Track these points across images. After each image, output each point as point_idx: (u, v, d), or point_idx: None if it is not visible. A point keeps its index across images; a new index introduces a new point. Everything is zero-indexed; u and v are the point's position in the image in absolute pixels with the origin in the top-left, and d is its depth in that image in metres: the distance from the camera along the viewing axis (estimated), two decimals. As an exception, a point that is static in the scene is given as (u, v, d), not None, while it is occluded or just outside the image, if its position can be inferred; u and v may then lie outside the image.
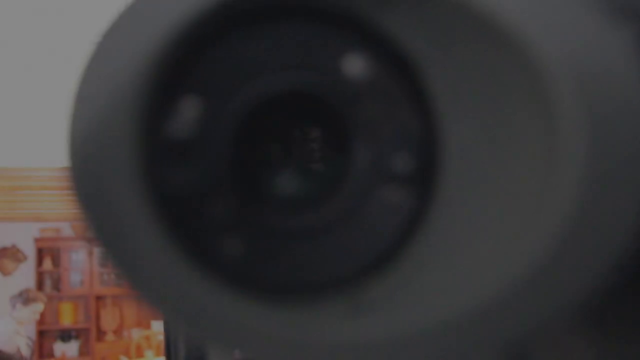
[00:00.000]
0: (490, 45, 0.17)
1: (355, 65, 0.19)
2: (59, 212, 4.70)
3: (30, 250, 5.40)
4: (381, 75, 0.19)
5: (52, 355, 5.26)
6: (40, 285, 5.33)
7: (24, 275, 5.36)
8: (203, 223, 0.19)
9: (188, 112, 0.19)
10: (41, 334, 5.28)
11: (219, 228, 0.19)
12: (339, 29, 0.19)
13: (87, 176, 0.16)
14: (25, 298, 3.42)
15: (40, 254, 5.41)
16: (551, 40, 0.16)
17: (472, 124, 0.19)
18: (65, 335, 5.39)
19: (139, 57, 0.17)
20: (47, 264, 5.43)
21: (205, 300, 0.16)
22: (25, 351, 3.36)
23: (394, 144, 0.19)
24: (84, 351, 5.37)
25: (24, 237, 5.36)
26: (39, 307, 3.51)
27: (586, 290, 0.16)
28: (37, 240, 5.39)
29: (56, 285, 5.47)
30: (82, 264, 5.47)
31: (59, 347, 5.29)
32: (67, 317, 5.43)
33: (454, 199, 0.19)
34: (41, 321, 5.13)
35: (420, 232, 0.19)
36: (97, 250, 0.17)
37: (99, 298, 5.50)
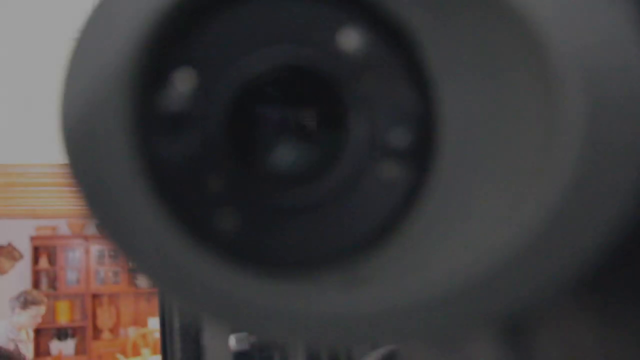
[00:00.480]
0: (490, 18, 0.16)
1: (351, 40, 0.19)
2: (56, 209, 4.69)
3: (26, 249, 5.39)
4: (378, 50, 0.19)
5: (48, 353, 5.25)
6: (36, 284, 5.31)
7: (20, 274, 5.35)
8: (198, 197, 0.18)
9: (182, 85, 0.18)
10: (37, 332, 5.27)
11: (214, 202, 0.18)
12: (335, 3, 0.19)
13: (80, 150, 0.16)
14: (23, 301, 3.16)
15: (37, 253, 5.40)
16: (553, 12, 0.15)
17: (471, 99, 0.18)
18: (62, 334, 5.38)
19: (131, 29, 0.16)
20: (44, 263, 5.42)
21: (201, 273, 0.16)
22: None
23: (391, 119, 0.19)
24: (80, 349, 5.37)
25: (20, 236, 5.34)
26: (41, 310, 3.22)
27: (580, 263, 0.16)
28: (33, 238, 5.38)
29: (52, 284, 5.46)
30: (79, 262, 5.46)
31: (56, 346, 5.28)
32: (64, 316, 5.42)
33: (450, 174, 0.19)
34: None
35: (415, 207, 0.19)
36: (93, 225, 0.17)
37: (96, 296, 5.49)
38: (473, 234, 0.17)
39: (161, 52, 0.17)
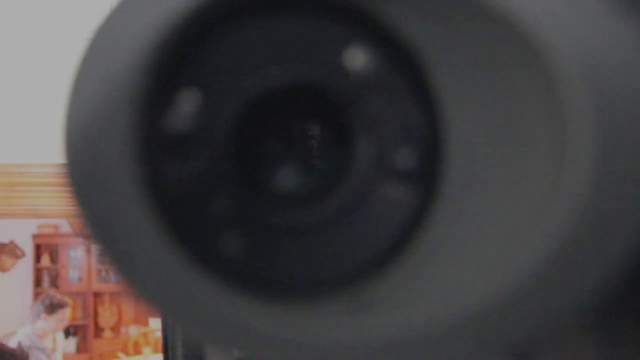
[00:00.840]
0: (498, 39, 0.16)
1: (358, 59, 0.19)
2: (57, 208, 4.69)
3: (28, 247, 5.40)
4: (384, 69, 0.19)
5: (50, 351, 5.25)
6: (38, 282, 5.32)
7: (22, 272, 5.35)
8: (203, 219, 0.18)
9: (187, 106, 0.18)
10: (39, 330, 5.27)
11: (219, 224, 0.18)
12: (341, 22, 0.19)
13: (83, 171, 0.16)
14: (49, 305, 2.86)
15: (38, 251, 5.40)
16: (561, 35, 0.15)
17: (477, 119, 0.18)
18: (63, 332, 5.39)
19: (136, 49, 0.16)
20: (45, 261, 5.42)
21: (204, 298, 0.16)
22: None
23: (397, 139, 0.19)
24: (81, 348, 5.37)
25: (22, 234, 5.35)
26: (67, 312, 2.94)
27: (590, 290, 0.16)
28: (35, 236, 5.38)
29: (54, 282, 5.46)
30: (80, 260, 5.46)
31: (57, 344, 5.28)
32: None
33: (457, 196, 0.18)
34: (39, 317, 5.12)
35: (422, 229, 0.18)
36: (95, 247, 0.17)
37: (97, 295, 5.50)
38: (480, 260, 0.17)
39: (166, 72, 0.17)
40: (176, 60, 0.17)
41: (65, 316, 2.97)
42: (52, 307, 2.87)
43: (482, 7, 0.16)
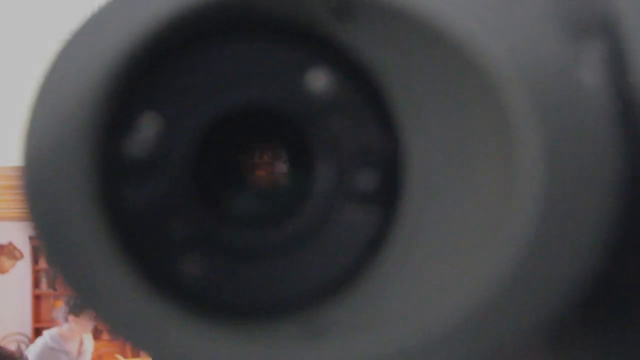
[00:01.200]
0: (448, 62, 0.16)
1: (318, 82, 0.19)
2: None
3: (26, 249, 5.40)
4: (344, 92, 0.19)
5: (48, 353, 5.25)
6: (36, 284, 5.32)
7: (21, 274, 5.35)
8: (162, 243, 0.18)
9: (147, 130, 0.18)
10: (37, 331, 5.28)
11: (178, 247, 0.18)
12: (301, 45, 0.19)
13: (41, 195, 0.16)
14: (74, 305, 2.73)
15: (36, 253, 5.40)
16: (509, 59, 0.15)
17: (434, 141, 0.18)
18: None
19: (95, 73, 0.16)
20: (44, 262, 5.42)
21: (163, 323, 0.16)
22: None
23: (358, 161, 0.19)
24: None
25: (21, 235, 5.35)
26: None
27: (546, 311, 0.16)
28: (32, 238, 5.37)
29: (52, 284, 5.46)
30: (79, 262, 5.45)
31: (56, 345, 5.28)
32: (64, 315, 5.42)
33: (415, 218, 0.19)
34: (37, 319, 5.12)
35: (380, 253, 0.19)
36: (53, 273, 0.17)
37: (96, 296, 5.49)
38: (436, 285, 0.17)
39: (125, 97, 0.17)
40: (135, 84, 0.18)
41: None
42: (78, 308, 2.73)
43: (431, 31, 0.16)
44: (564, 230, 0.15)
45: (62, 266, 0.16)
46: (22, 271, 5.41)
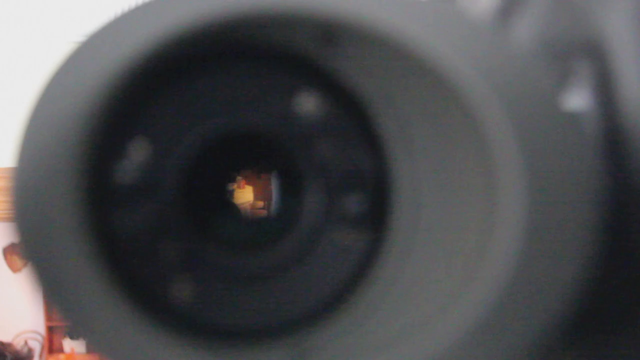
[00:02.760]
0: (432, 88, 0.16)
1: (305, 106, 0.19)
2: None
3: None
4: (332, 116, 0.19)
5: (61, 350, 5.30)
6: (49, 282, 5.36)
7: (33, 272, 5.39)
8: (152, 265, 0.18)
9: (136, 156, 0.18)
10: (50, 329, 5.33)
11: (168, 270, 0.19)
12: (289, 70, 0.19)
13: (31, 222, 0.16)
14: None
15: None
16: (490, 87, 0.15)
17: (421, 165, 0.18)
18: (74, 332, 5.42)
19: (85, 100, 0.16)
20: (56, 261, 5.46)
21: (153, 347, 0.16)
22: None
23: (346, 184, 0.19)
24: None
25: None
26: None
27: (535, 334, 0.16)
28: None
29: (65, 282, 5.50)
30: (91, 260, 5.48)
31: (68, 343, 5.33)
32: (76, 313, 5.45)
33: (404, 242, 0.19)
34: (50, 317, 5.17)
35: (369, 276, 0.19)
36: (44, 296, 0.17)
37: (108, 294, 5.52)
38: (425, 308, 0.17)
39: (115, 122, 0.17)
40: (125, 110, 0.18)
41: None
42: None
43: (415, 61, 0.16)
44: (547, 257, 0.15)
45: (52, 293, 0.16)
46: (34, 270, 5.44)
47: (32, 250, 0.16)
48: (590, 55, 0.18)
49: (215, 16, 0.17)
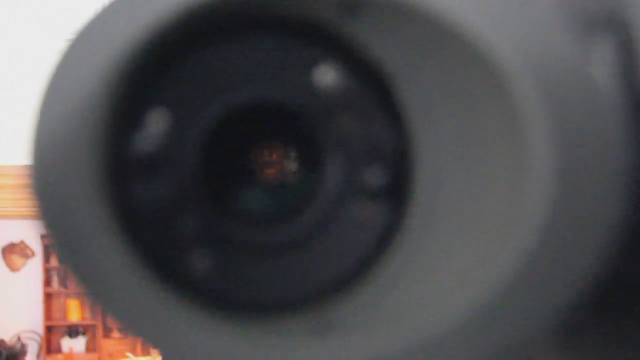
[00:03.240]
0: (458, 58, 0.16)
1: (326, 78, 0.19)
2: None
3: (38, 247, 5.44)
4: (353, 88, 0.19)
5: (59, 350, 5.29)
6: (48, 282, 5.36)
7: (33, 272, 5.39)
8: (171, 238, 0.18)
9: (156, 126, 0.18)
10: (49, 329, 5.32)
11: (187, 243, 0.18)
12: (310, 42, 0.19)
13: (50, 193, 0.16)
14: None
15: (47, 251, 5.44)
16: (519, 56, 0.15)
17: (444, 138, 0.18)
18: (73, 331, 5.42)
19: (104, 69, 0.16)
20: (55, 261, 5.46)
21: (172, 319, 0.16)
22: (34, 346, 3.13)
23: (367, 158, 0.19)
24: (90, 347, 5.40)
25: (33, 234, 5.39)
26: None
27: (557, 309, 0.16)
28: (44, 236, 5.41)
29: (63, 282, 5.50)
30: (90, 260, 5.48)
31: (67, 343, 5.32)
32: (75, 313, 5.46)
33: (425, 215, 0.18)
34: (49, 317, 5.16)
35: (389, 249, 0.19)
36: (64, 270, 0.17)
37: (106, 294, 5.51)
38: (445, 282, 0.17)
39: (134, 93, 0.17)
40: (144, 80, 0.18)
41: None
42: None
43: (443, 30, 0.16)
44: (573, 230, 0.15)
45: (73, 264, 0.16)
46: (33, 269, 5.45)
47: (52, 223, 0.16)
48: (614, 27, 0.18)
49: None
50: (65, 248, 0.16)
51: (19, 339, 2.90)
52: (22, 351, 2.66)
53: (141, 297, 0.16)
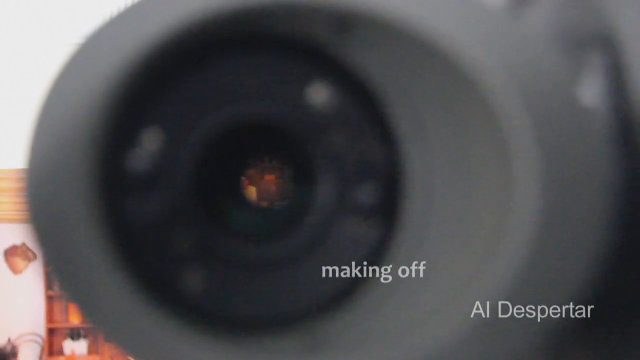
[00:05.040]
0: (447, 77, 0.16)
1: (318, 96, 0.19)
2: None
3: (38, 251, 5.43)
4: (345, 106, 0.19)
5: (61, 353, 5.29)
6: (49, 284, 5.36)
7: (34, 275, 5.40)
8: (164, 255, 0.18)
9: (149, 144, 0.19)
10: (51, 331, 5.32)
11: (180, 259, 0.19)
12: (302, 60, 0.19)
13: (44, 210, 0.16)
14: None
15: (50, 253, 5.43)
16: (506, 76, 0.15)
17: (434, 155, 0.18)
18: (75, 334, 5.42)
19: (99, 88, 0.17)
20: (57, 263, 5.45)
21: (164, 335, 0.16)
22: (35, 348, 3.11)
23: (359, 175, 0.19)
24: (92, 350, 5.41)
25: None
26: None
27: (546, 325, 0.16)
28: (46, 239, 5.40)
29: (65, 284, 5.50)
30: (92, 263, 5.47)
31: (69, 345, 5.32)
32: (76, 316, 5.46)
33: (416, 233, 0.19)
34: (51, 319, 5.16)
35: (380, 267, 0.19)
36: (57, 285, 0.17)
37: (108, 297, 5.50)
38: (435, 300, 0.17)
39: (128, 111, 0.17)
40: (138, 99, 0.18)
41: None
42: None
43: (431, 49, 0.16)
44: (561, 246, 0.15)
45: (65, 280, 0.16)
46: (35, 272, 5.45)
47: (46, 239, 0.16)
48: (603, 47, 0.18)
49: (229, 5, 0.17)
50: (58, 265, 0.16)
51: (9, 340, 2.88)
52: (13, 353, 2.64)
53: (133, 314, 0.16)
